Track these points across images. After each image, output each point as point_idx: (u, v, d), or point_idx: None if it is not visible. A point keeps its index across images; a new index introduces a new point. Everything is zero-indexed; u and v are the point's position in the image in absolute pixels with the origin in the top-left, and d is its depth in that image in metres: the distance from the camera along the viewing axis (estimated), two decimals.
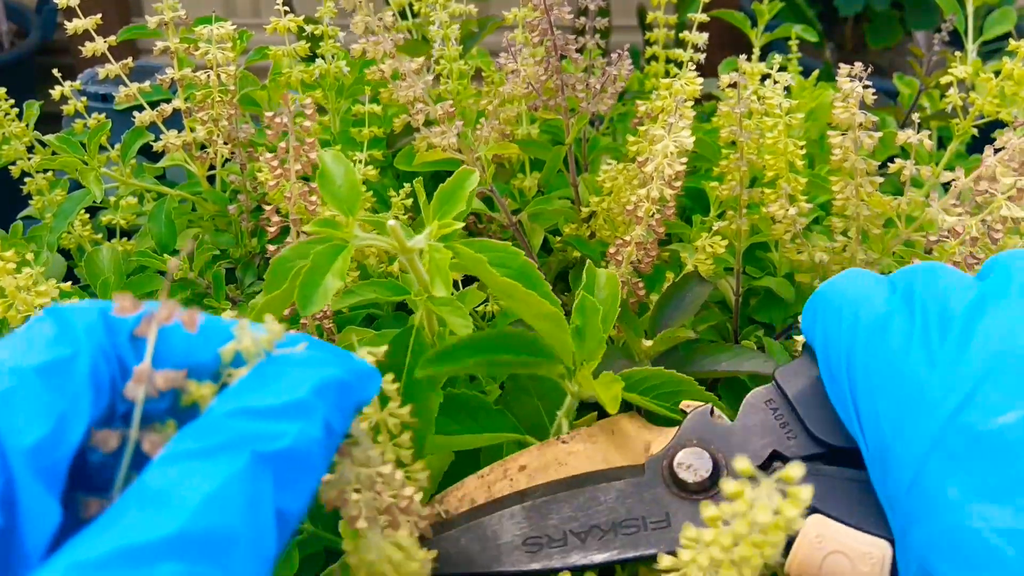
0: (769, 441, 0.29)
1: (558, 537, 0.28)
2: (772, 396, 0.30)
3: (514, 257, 0.31)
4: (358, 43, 0.47)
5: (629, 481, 0.29)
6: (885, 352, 0.27)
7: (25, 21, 1.44)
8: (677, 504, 0.28)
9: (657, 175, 0.41)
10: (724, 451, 0.29)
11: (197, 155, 0.55)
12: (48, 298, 0.41)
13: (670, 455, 0.29)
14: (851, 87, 0.43)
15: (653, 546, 0.27)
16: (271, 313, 0.30)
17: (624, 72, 0.52)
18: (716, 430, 0.30)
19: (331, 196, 0.31)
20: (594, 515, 0.28)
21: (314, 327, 0.44)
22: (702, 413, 0.30)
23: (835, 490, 0.27)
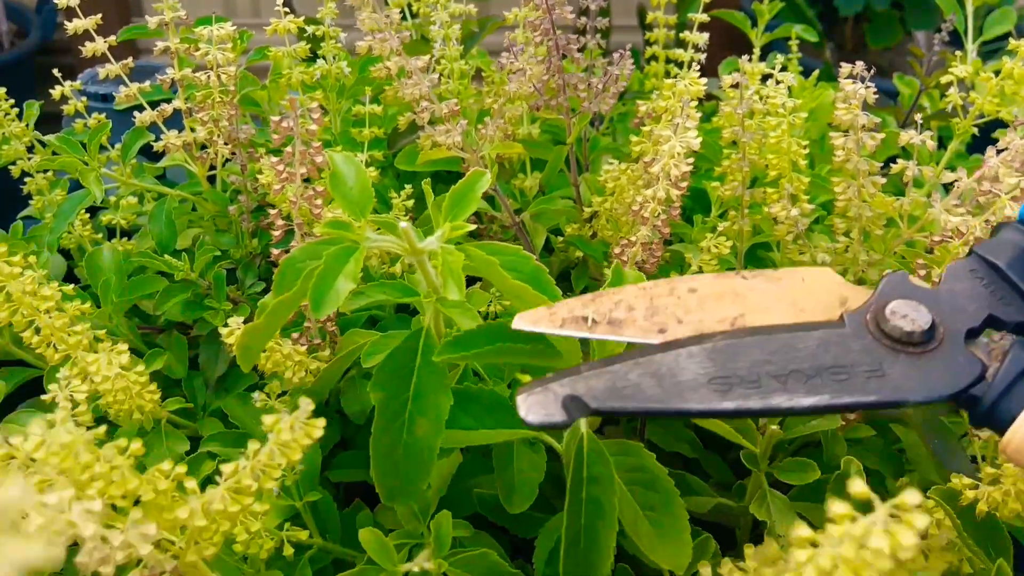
0: (982, 305, 0.27)
1: (752, 379, 0.25)
2: (975, 267, 0.28)
3: (525, 260, 0.31)
4: (362, 41, 0.47)
5: (830, 331, 0.26)
6: None
7: (25, 21, 1.43)
8: (890, 355, 0.25)
9: (663, 176, 0.41)
10: (935, 311, 0.26)
11: (197, 155, 0.55)
12: (52, 302, 0.41)
13: (875, 308, 0.26)
14: (853, 88, 0.43)
15: (872, 393, 0.25)
16: (281, 314, 0.30)
17: (626, 72, 0.52)
18: (920, 292, 0.27)
19: (342, 198, 0.31)
20: (794, 360, 0.25)
21: (317, 329, 0.44)
22: (901, 276, 0.28)
23: None
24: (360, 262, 0.29)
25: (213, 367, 0.51)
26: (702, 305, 0.28)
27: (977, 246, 0.29)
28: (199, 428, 0.47)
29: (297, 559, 0.38)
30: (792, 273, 0.29)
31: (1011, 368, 0.25)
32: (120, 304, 0.51)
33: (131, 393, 0.40)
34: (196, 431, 0.47)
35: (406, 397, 0.34)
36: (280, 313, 0.31)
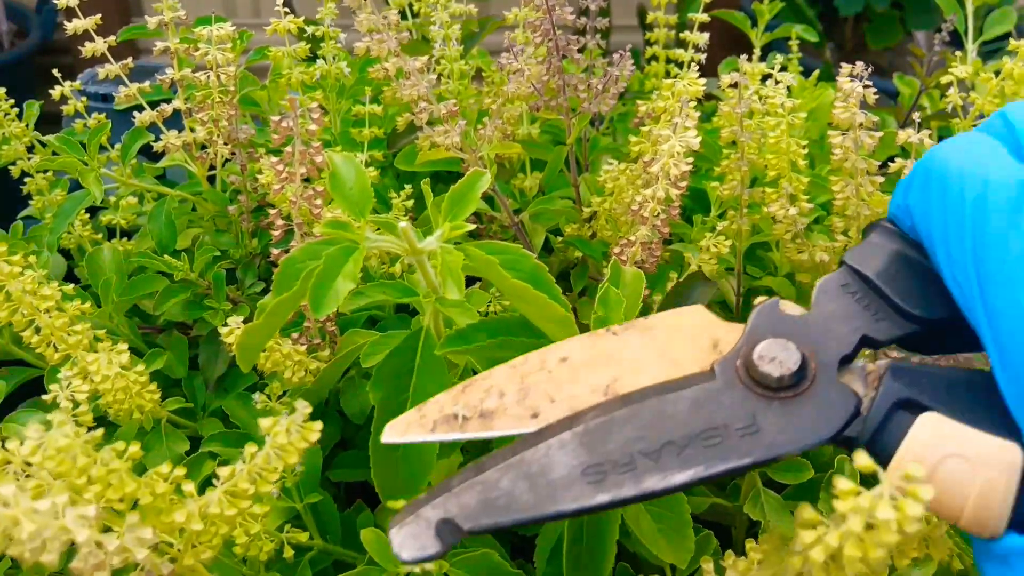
0: (856, 326, 0.25)
1: (626, 461, 0.23)
2: (847, 280, 0.26)
3: (525, 260, 0.31)
4: (361, 42, 0.47)
5: (701, 387, 0.25)
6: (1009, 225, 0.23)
7: (25, 21, 1.44)
8: (763, 405, 0.24)
9: (663, 175, 0.41)
10: (807, 343, 0.25)
11: (197, 155, 0.55)
12: (52, 301, 0.41)
13: (745, 351, 0.25)
14: (852, 87, 0.43)
15: (745, 455, 0.23)
16: (281, 314, 0.30)
17: (626, 72, 0.52)
18: (792, 322, 0.26)
19: (342, 198, 0.31)
20: (665, 430, 0.24)
21: (317, 329, 0.44)
22: (771, 305, 0.26)
23: (950, 386, 0.24)
24: (359, 262, 0.29)
25: (213, 367, 0.51)
26: (574, 376, 0.26)
27: (847, 254, 0.27)
28: (199, 428, 0.48)
29: (297, 561, 0.38)
30: (663, 319, 0.27)
31: (885, 399, 0.24)
32: (120, 304, 0.51)
33: (131, 393, 0.40)
34: (196, 431, 0.47)
35: (405, 397, 0.34)
36: (279, 313, 0.31)
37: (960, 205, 0.25)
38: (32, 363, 0.50)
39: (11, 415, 0.45)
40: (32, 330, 0.41)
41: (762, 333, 0.25)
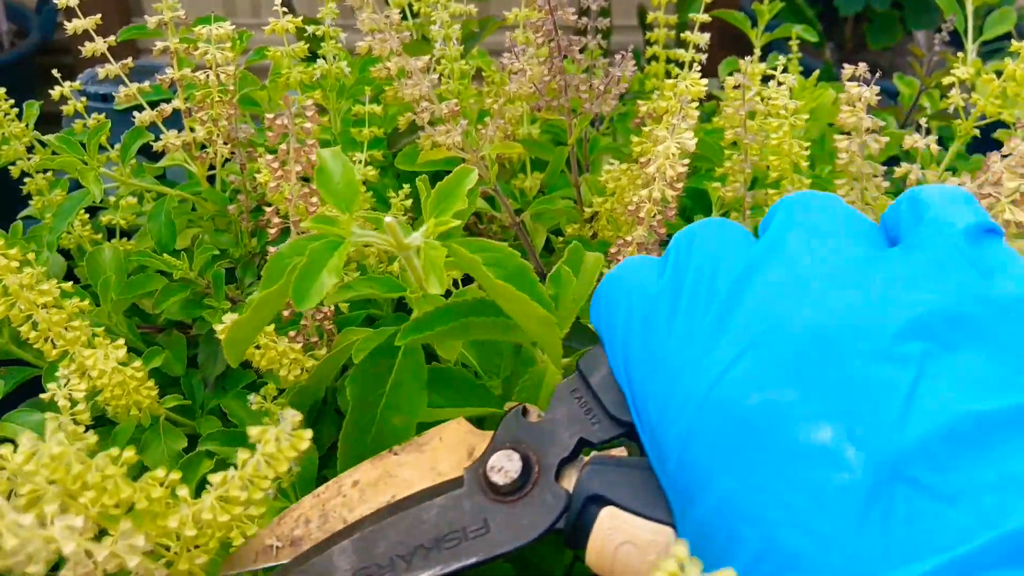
0: (576, 430, 0.29)
1: (385, 564, 0.28)
2: (577, 385, 0.30)
3: (510, 258, 0.31)
4: (363, 41, 0.47)
5: (450, 495, 0.29)
6: (651, 334, 0.26)
7: (25, 21, 1.43)
8: (495, 508, 0.28)
9: (659, 176, 0.41)
10: (536, 447, 0.29)
11: (197, 155, 0.55)
12: (51, 297, 0.41)
13: (484, 461, 0.29)
14: (859, 91, 0.43)
15: (475, 554, 0.28)
16: (266, 311, 0.30)
17: (628, 73, 0.52)
18: (528, 428, 0.30)
19: (329, 193, 0.31)
20: (419, 535, 0.28)
21: (314, 328, 0.44)
22: (515, 414, 0.30)
23: (628, 478, 0.27)
24: (343, 257, 0.29)
25: (212, 366, 0.50)
26: (363, 497, 0.31)
27: (581, 360, 0.30)
28: (197, 426, 0.47)
29: None
30: (432, 435, 0.32)
31: (579, 496, 0.28)
32: (119, 303, 0.50)
33: (128, 388, 0.40)
34: (195, 429, 0.47)
35: (382, 392, 0.34)
36: (266, 308, 0.31)
37: (612, 324, 0.28)
38: (31, 362, 0.50)
39: (9, 414, 0.45)
40: (29, 325, 0.41)
41: (502, 441, 0.30)
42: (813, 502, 0.21)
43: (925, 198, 0.26)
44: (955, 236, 0.24)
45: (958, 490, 0.20)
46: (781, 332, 0.23)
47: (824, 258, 0.25)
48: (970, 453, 0.20)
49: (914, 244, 0.25)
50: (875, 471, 0.21)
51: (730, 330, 0.24)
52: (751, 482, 0.22)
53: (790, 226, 0.26)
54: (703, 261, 0.27)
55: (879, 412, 0.21)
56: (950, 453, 0.20)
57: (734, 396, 0.23)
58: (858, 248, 0.25)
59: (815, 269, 0.24)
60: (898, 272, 0.24)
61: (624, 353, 0.28)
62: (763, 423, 0.22)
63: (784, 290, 0.24)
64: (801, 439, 0.22)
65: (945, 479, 0.20)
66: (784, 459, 0.22)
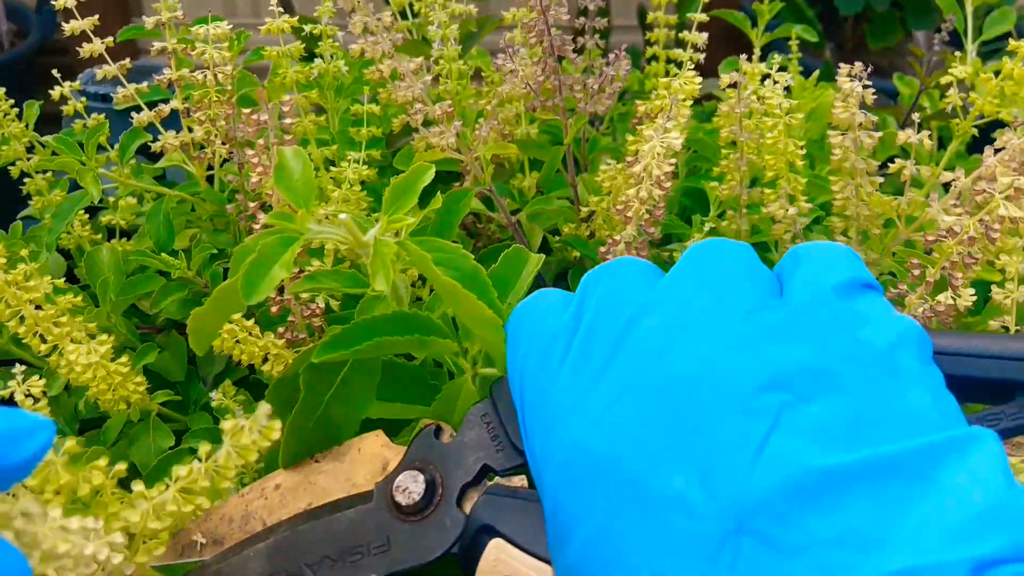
0: (481, 456, 0.30)
1: (294, 570, 0.29)
2: (487, 410, 0.31)
3: (463, 260, 0.31)
4: (357, 43, 0.47)
5: (360, 509, 0.30)
6: (543, 372, 0.27)
7: (25, 21, 1.44)
8: (398, 526, 0.29)
9: (647, 175, 0.41)
10: (443, 469, 0.30)
11: (195, 155, 0.55)
12: (40, 292, 0.41)
13: (393, 479, 0.30)
14: (851, 87, 0.43)
15: (374, 570, 0.29)
16: (223, 302, 0.31)
17: (622, 72, 0.52)
18: (438, 449, 0.31)
19: (286, 189, 0.31)
20: (326, 546, 0.29)
21: (303, 324, 0.44)
22: (428, 433, 0.31)
23: (520, 511, 0.28)
24: (295, 252, 0.29)
25: (210, 365, 0.51)
26: (283, 501, 0.32)
27: (494, 384, 0.31)
28: (188, 422, 0.48)
29: None
30: (351, 446, 0.33)
31: (472, 524, 0.28)
32: (119, 303, 0.51)
33: (113, 384, 0.41)
34: (187, 425, 0.48)
35: (332, 382, 0.34)
36: (224, 299, 0.31)
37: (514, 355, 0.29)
38: (31, 362, 0.50)
39: None
40: (17, 320, 0.41)
41: (412, 459, 0.31)
42: (665, 549, 0.21)
43: (803, 254, 0.27)
44: (824, 291, 0.25)
45: (799, 544, 0.20)
46: (652, 379, 0.24)
47: (709, 307, 0.25)
48: (813, 507, 0.20)
49: (789, 298, 0.26)
50: (723, 521, 0.21)
51: (610, 375, 0.25)
52: (612, 528, 0.23)
53: (688, 272, 0.27)
54: (603, 302, 0.27)
55: (732, 463, 0.22)
56: (793, 507, 0.21)
57: (602, 443, 0.24)
58: (745, 299, 0.25)
59: (697, 318, 0.25)
60: (770, 324, 0.24)
61: (520, 386, 0.28)
62: (625, 471, 0.23)
63: (664, 337, 0.25)
64: (658, 487, 0.22)
65: (787, 533, 0.20)
66: (642, 506, 0.22)
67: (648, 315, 0.25)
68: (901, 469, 0.21)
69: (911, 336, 0.24)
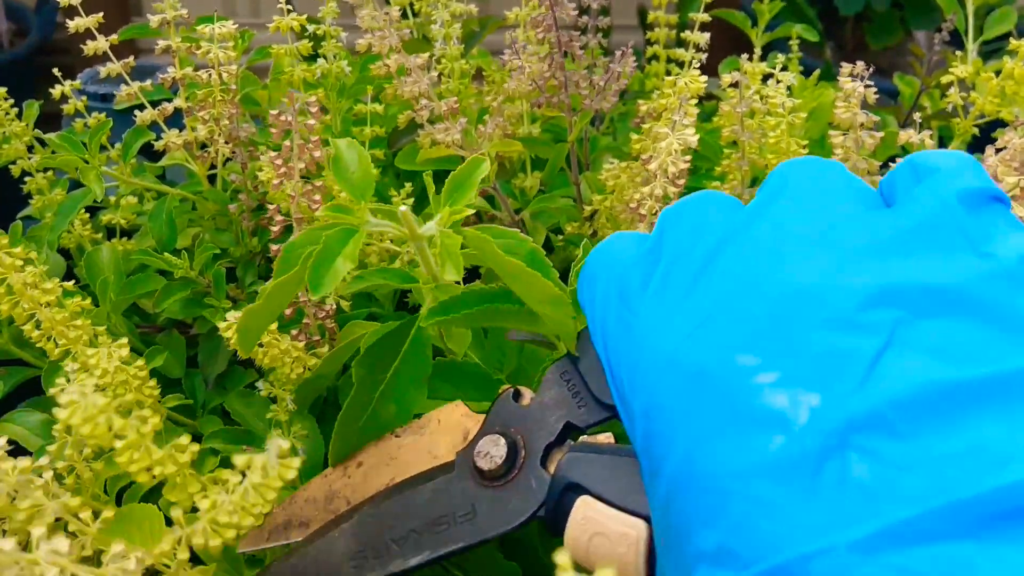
0: (562, 414, 0.29)
1: (380, 547, 0.29)
2: (567, 368, 0.30)
3: (523, 243, 0.32)
4: (362, 39, 0.47)
5: (441, 479, 0.29)
6: (626, 303, 0.26)
7: (25, 21, 1.43)
8: (482, 493, 0.28)
9: (661, 173, 0.41)
10: (524, 432, 0.29)
11: (198, 154, 0.55)
12: (53, 296, 0.41)
13: (474, 445, 0.29)
14: (853, 87, 0.43)
15: (461, 540, 0.28)
16: (281, 297, 0.31)
17: (628, 70, 0.52)
18: (518, 412, 0.30)
19: (344, 182, 0.31)
20: (411, 519, 0.29)
21: (316, 326, 0.44)
22: (506, 397, 0.30)
23: (607, 466, 0.27)
24: (359, 244, 0.29)
25: (213, 365, 0.50)
26: (365, 479, 0.32)
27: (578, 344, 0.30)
28: (199, 426, 0.48)
29: None
30: (430, 418, 0.32)
31: (557, 484, 0.28)
32: (118, 303, 0.50)
33: (131, 388, 0.41)
34: (196, 428, 0.47)
35: (384, 376, 0.34)
36: (279, 296, 0.31)
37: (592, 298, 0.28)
38: (30, 363, 0.50)
39: (9, 414, 0.45)
40: (32, 324, 0.41)
41: (492, 425, 0.30)
42: (762, 469, 0.20)
43: (923, 161, 0.24)
44: (949, 200, 0.23)
45: (915, 459, 0.19)
46: (750, 295, 0.22)
47: (807, 222, 0.23)
48: (932, 422, 0.19)
49: (906, 208, 0.23)
50: (825, 439, 0.19)
51: (700, 293, 0.23)
52: (705, 450, 0.21)
53: (779, 191, 0.25)
54: (685, 230, 0.26)
55: (839, 379, 0.20)
56: (909, 421, 0.19)
57: (695, 359, 0.22)
58: (846, 212, 0.24)
59: (795, 233, 0.23)
60: (883, 237, 0.22)
61: (602, 327, 0.27)
62: (721, 386, 0.21)
63: (760, 253, 0.23)
64: (755, 404, 0.21)
65: (902, 447, 0.19)
66: (738, 424, 0.21)
67: (741, 235, 0.24)
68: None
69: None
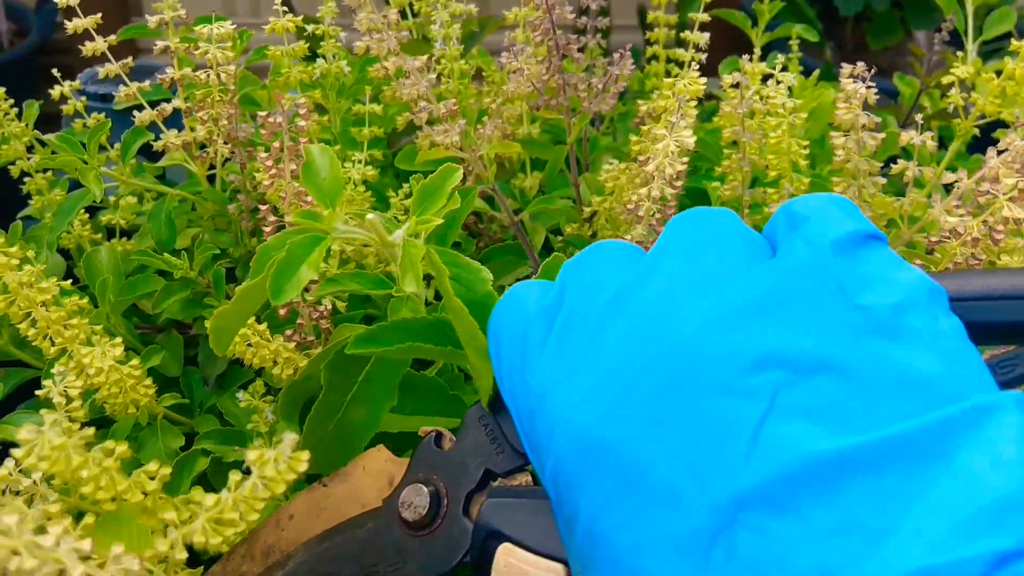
0: (481, 460, 0.29)
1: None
2: (483, 413, 0.30)
3: (481, 283, 0.31)
4: (361, 41, 0.47)
5: (370, 528, 0.30)
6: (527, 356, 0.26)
7: (25, 21, 1.43)
8: (409, 542, 0.29)
9: (658, 174, 0.41)
10: (447, 478, 0.29)
11: (197, 155, 0.55)
12: (50, 295, 0.41)
13: (398, 494, 0.30)
14: (854, 88, 0.43)
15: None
16: (249, 302, 0.31)
17: (626, 72, 0.52)
18: (439, 457, 0.30)
19: (314, 188, 0.31)
20: (344, 565, 0.29)
21: (311, 326, 0.44)
22: (428, 442, 0.30)
23: (525, 511, 0.28)
24: (323, 252, 0.28)
25: (212, 365, 0.50)
26: (298, 529, 0.31)
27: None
28: (195, 425, 0.48)
29: None
30: (356, 465, 0.32)
31: (479, 531, 0.28)
32: (118, 304, 0.50)
33: (125, 387, 0.41)
34: (192, 428, 0.47)
35: (353, 382, 0.34)
36: (249, 298, 0.31)
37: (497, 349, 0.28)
38: (30, 363, 0.50)
39: (8, 416, 0.45)
40: (28, 323, 0.41)
41: (416, 471, 0.30)
42: (655, 546, 0.20)
43: (798, 209, 0.24)
44: (822, 249, 0.23)
45: (800, 535, 0.19)
46: (640, 357, 0.22)
47: (695, 276, 0.23)
48: (814, 496, 0.19)
49: (783, 259, 0.23)
50: (715, 515, 0.20)
51: (594, 353, 0.24)
52: (605, 519, 0.22)
53: (672, 243, 0.25)
54: (584, 282, 0.26)
55: (724, 451, 0.20)
56: (793, 496, 0.19)
57: (590, 427, 0.22)
58: (732, 264, 0.24)
59: (683, 289, 0.23)
60: (762, 295, 0.22)
61: (509, 382, 0.27)
62: (614, 455, 0.22)
63: (650, 311, 0.23)
64: (646, 476, 0.21)
65: (786, 524, 0.19)
66: (632, 497, 0.21)
67: (633, 291, 0.24)
68: (910, 450, 0.19)
69: (919, 292, 0.22)
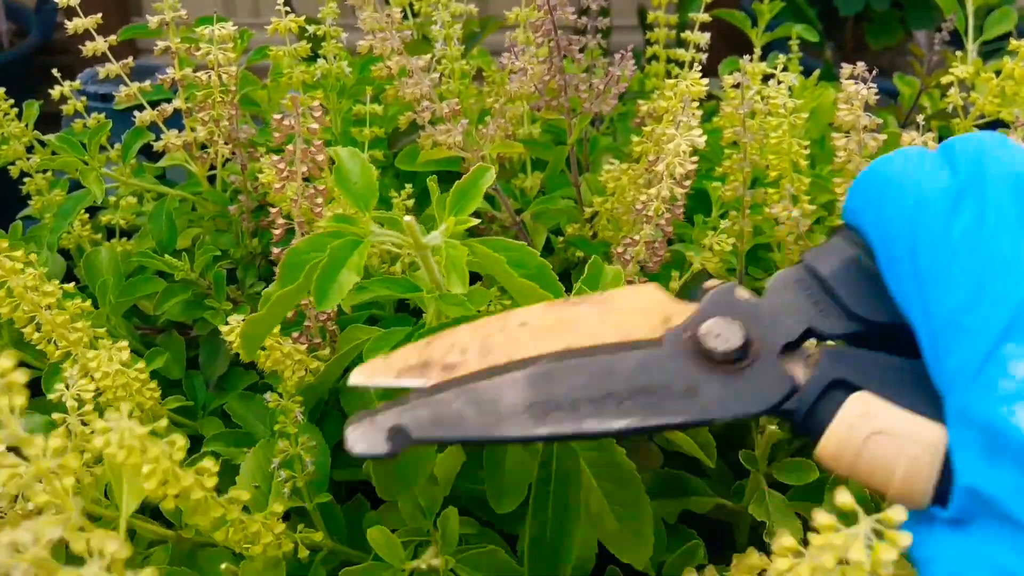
0: (802, 319, 0.27)
1: (568, 403, 0.25)
2: (802, 277, 0.28)
3: (530, 257, 0.31)
4: (363, 41, 0.47)
5: (648, 352, 0.26)
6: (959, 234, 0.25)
7: (25, 21, 1.43)
8: (704, 374, 0.26)
9: (667, 174, 0.41)
10: (754, 327, 0.26)
11: (197, 155, 0.55)
12: (53, 298, 0.41)
13: (694, 326, 0.26)
14: (855, 89, 0.43)
15: (680, 414, 0.25)
16: (284, 308, 0.30)
17: (627, 72, 0.52)
18: (743, 307, 0.27)
19: (348, 192, 0.31)
20: (610, 383, 0.25)
21: (317, 328, 0.44)
22: (727, 290, 0.27)
23: (883, 371, 0.25)
24: (364, 255, 0.29)
25: (213, 367, 0.50)
26: (532, 339, 0.27)
27: (806, 253, 0.28)
28: (199, 427, 0.47)
29: (311, 559, 0.38)
30: (619, 294, 0.29)
31: (820, 379, 0.25)
32: (118, 305, 0.50)
33: (131, 390, 0.40)
34: (196, 430, 0.47)
35: None
36: (283, 305, 0.31)
37: (899, 209, 0.26)
38: (31, 364, 0.50)
39: None
40: (33, 326, 0.41)
41: (711, 312, 0.27)
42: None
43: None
44: None
45: None
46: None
47: None
48: None
49: None
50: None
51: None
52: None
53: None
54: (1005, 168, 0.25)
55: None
56: None
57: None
58: None
59: None
60: None
61: (913, 244, 0.25)
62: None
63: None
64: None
65: None
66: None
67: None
68: None
69: None
